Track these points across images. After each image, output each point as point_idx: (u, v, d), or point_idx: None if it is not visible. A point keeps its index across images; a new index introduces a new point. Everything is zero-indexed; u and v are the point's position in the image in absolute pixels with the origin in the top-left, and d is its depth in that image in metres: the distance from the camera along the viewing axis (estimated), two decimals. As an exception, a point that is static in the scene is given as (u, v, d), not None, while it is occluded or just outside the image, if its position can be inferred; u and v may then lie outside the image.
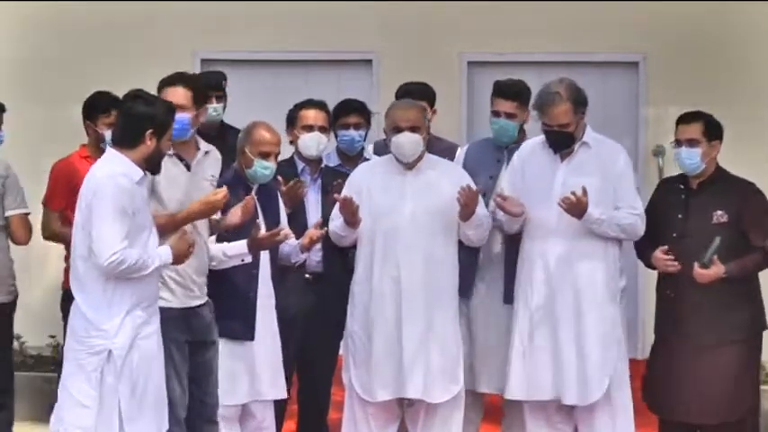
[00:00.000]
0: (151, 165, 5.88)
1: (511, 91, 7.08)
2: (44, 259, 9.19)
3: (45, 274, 9.35)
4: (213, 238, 6.40)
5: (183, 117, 6.22)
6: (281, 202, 6.74)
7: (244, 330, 6.44)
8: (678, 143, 6.59)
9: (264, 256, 6.51)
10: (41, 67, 9.89)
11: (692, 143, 6.53)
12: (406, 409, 6.78)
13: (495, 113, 7.05)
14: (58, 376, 5.90)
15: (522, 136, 7.09)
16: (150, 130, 5.82)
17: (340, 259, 6.98)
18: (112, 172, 5.77)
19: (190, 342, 6.25)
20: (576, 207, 6.45)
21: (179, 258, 5.86)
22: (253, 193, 6.54)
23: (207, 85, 7.19)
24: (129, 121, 5.88)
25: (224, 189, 6.19)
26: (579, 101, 6.62)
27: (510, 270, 6.87)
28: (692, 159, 6.53)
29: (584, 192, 6.44)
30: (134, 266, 5.66)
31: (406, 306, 6.57)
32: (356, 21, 10.00)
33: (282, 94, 7.70)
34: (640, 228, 6.57)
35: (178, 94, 6.29)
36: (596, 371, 6.54)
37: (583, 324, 6.56)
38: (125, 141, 5.85)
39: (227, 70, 9.21)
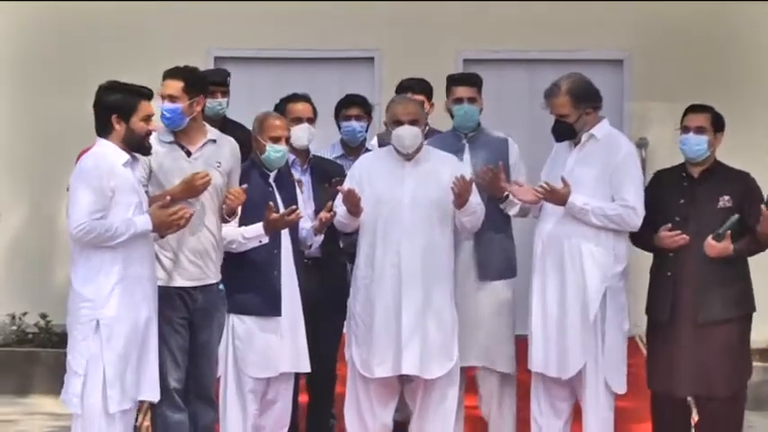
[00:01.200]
0: (133, 146, 5.92)
1: (468, 78, 7.16)
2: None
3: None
4: (234, 224, 6.44)
5: (175, 107, 6.31)
6: (297, 188, 6.80)
7: (270, 307, 6.50)
8: (686, 130, 6.58)
9: (286, 239, 6.57)
10: (64, 64, 9.91)
11: (700, 130, 6.55)
12: (406, 385, 6.78)
13: (458, 101, 7.06)
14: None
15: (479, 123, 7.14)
16: (115, 116, 5.87)
17: (335, 245, 7.02)
18: (93, 155, 5.88)
19: (189, 320, 6.31)
20: (551, 195, 6.51)
21: (161, 227, 5.88)
22: (271, 180, 6.61)
23: (212, 81, 7.22)
24: (97, 110, 5.94)
25: (205, 172, 6.21)
26: (580, 96, 6.61)
27: (482, 249, 6.93)
28: (700, 145, 6.54)
29: (564, 182, 6.48)
30: (104, 234, 5.70)
31: (405, 289, 6.57)
32: (359, 20, 10.01)
33: (289, 89, 7.66)
34: (631, 219, 6.51)
35: (170, 86, 6.34)
36: (575, 348, 6.53)
37: (567, 302, 6.54)
38: (99, 129, 5.94)
39: (239, 67, 9.36)
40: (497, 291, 6.94)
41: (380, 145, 7.51)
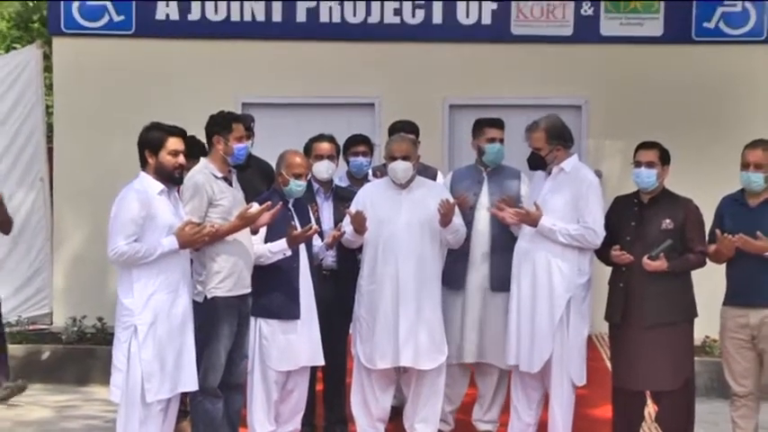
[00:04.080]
0: (164, 177, 5.89)
1: (498, 121, 7.07)
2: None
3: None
4: (260, 238, 6.42)
5: (245, 145, 6.40)
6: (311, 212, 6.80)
7: (290, 311, 6.48)
8: (638, 164, 6.51)
9: (303, 254, 6.55)
10: (118, 111, 9.88)
11: (650, 165, 6.48)
12: (402, 375, 6.81)
13: (491, 140, 6.94)
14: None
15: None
16: (147, 150, 5.88)
17: (351, 259, 6.97)
18: (131, 187, 5.86)
19: (238, 325, 6.31)
20: (526, 217, 6.52)
21: (187, 244, 5.86)
22: (290, 205, 6.60)
23: None
24: (138, 147, 5.95)
25: (257, 205, 6.27)
26: (554, 134, 6.59)
27: (494, 265, 6.85)
28: (650, 178, 6.48)
29: (537, 207, 6.50)
30: (136, 256, 5.69)
31: (401, 295, 6.58)
32: (362, 73, 10.03)
33: (304, 130, 7.68)
34: (592, 238, 6.48)
35: (240, 130, 6.36)
36: (541, 346, 6.53)
37: (537, 308, 6.54)
38: (141, 163, 5.95)
39: (262, 111, 9.39)
40: (505, 300, 6.78)
41: (374, 175, 7.51)
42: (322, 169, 7.06)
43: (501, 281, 6.79)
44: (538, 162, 6.68)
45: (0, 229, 8.69)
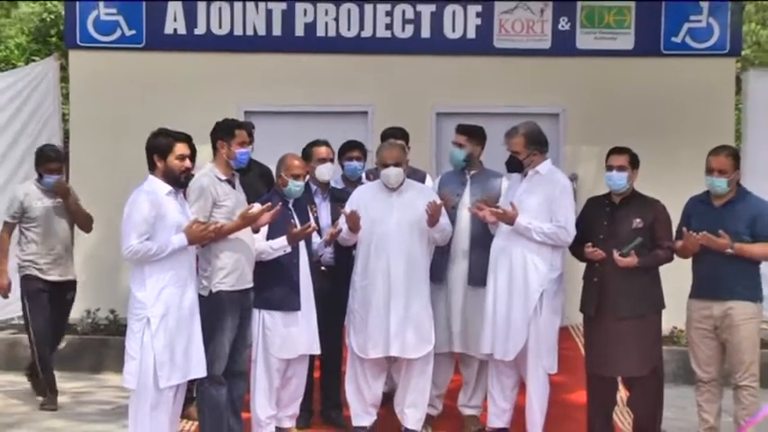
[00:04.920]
0: (172, 180, 5.89)
1: (463, 128, 7.10)
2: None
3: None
4: (262, 236, 6.43)
5: (247, 150, 6.42)
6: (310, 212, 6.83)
7: (291, 303, 6.50)
8: (610, 168, 6.54)
9: (303, 251, 6.56)
10: (126, 116, 9.92)
11: (621, 168, 6.51)
12: (392, 364, 6.84)
13: (452, 144, 7.09)
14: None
15: (470, 164, 7.03)
16: (156, 155, 5.88)
17: (347, 256, 6.98)
18: (141, 190, 5.86)
19: (241, 317, 6.32)
20: (503, 216, 6.54)
21: (195, 240, 5.87)
22: (290, 205, 6.61)
23: None
24: (146, 152, 5.96)
25: (258, 205, 6.28)
26: (532, 139, 6.62)
27: (473, 261, 6.88)
28: (621, 180, 6.51)
29: (513, 206, 6.53)
30: (149, 253, 5.70)
31: (392, 290, 6.61)
32: (356, 83, 10.03)
33: (303, 136, 7.71)
34: (563, 236, 6.51)
35: (243, 136, 6.38)
36: (516, 336, 6.55)
37: (512, 301, 6.56)
38: (149, 167, 5.95)
39: (263, 119, 9.34)
40: (482, 294, 6.77)
41: (367, 178, 7.52)
42: (324, 171, 7.09)
43: (479, 276, 6.80)
44: (515, 165, 6.70)
45: (83, 227, 8.62)
